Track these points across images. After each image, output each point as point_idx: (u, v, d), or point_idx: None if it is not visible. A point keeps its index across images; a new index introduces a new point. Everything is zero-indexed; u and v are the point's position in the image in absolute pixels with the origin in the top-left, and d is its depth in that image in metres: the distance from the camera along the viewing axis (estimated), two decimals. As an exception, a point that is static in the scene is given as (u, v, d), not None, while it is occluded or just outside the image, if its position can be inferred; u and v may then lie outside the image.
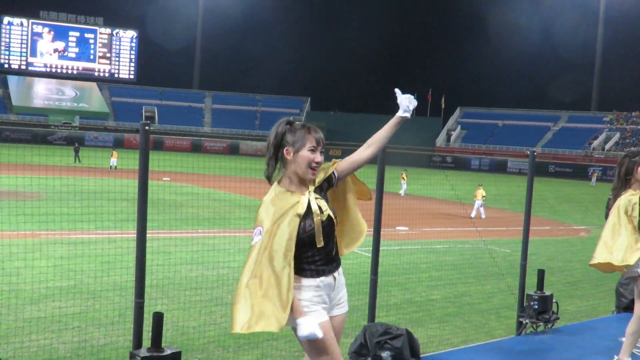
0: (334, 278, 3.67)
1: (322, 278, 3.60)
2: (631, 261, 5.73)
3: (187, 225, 15.92)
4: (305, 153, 3.55)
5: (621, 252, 5.77)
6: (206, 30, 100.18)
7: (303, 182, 3.62)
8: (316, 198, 3.61)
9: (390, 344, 6.09)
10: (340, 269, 3.75)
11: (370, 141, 3.86)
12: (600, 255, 5.89)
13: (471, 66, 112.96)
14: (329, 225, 3.62)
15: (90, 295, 9.01)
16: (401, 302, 10.12)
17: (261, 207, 3.57)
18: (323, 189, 3.71)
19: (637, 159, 5.77)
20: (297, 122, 3.68)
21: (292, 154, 3.56)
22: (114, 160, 38.18)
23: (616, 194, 5.89)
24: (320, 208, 3.58)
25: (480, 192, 25.15)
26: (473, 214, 24.79)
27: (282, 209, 3.52)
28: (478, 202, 25.02)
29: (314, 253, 3.56)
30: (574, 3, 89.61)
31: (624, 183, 5.84)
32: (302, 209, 3.53)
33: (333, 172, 3.76)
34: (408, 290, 10.95)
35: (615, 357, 6.33)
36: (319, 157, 3.59)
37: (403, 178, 32.26)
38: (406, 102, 3.80)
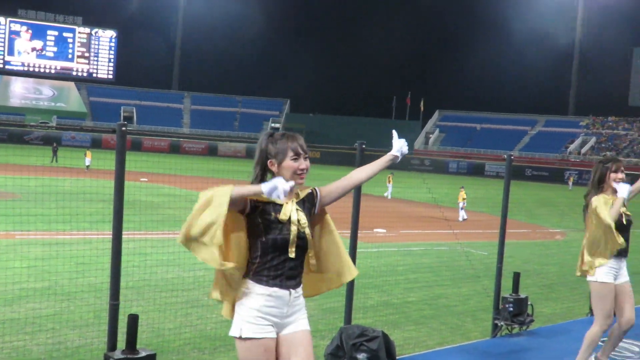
0: (290, 293, 3.58)
1: (276, 289, 3.53)
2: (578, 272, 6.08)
3: (165, 226, 15.83)
4: (288, 163, 3.57)
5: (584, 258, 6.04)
6: (186, 30, 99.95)
7: (290, 193, 3.60)
8: (297, 209, 3.61)
9: (367, 346, 6.11)
10: (300, 290, 3.67)
11: (356, 172, 3.89)
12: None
13: (450, 70, 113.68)
14: (302, 240, 3.59)
15: (65, 297, 8.93)
16: (378, 304, 10.15)
17: None
18: (305, 205, 3.70)
19: (609, 165, 5.93)
20: (277, 133, 3.70)
21: (276, 166, 3.59)
22: (88, 160, 37.94)
23: (589, 200, 6.00)
24: (299, 220, 3.59)
25: (462, 195, 25.31)
26: (460, 218, 24.84)
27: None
28: (461, 204, 25.15)
29: (280, 262, 3.53)
30: (552, 8, 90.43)
31: (597, 189, 5.97)
32: (284, 216, 3.53)
33: (315, 189, 3.76)
34: (385, 293, 10.98)
35: None
36: (303, 164, 3.60)
37: (389, 181, 32.34)
38: (399, 145, 3.92)
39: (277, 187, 3.35)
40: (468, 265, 12.52)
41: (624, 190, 5.77)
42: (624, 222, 5.92)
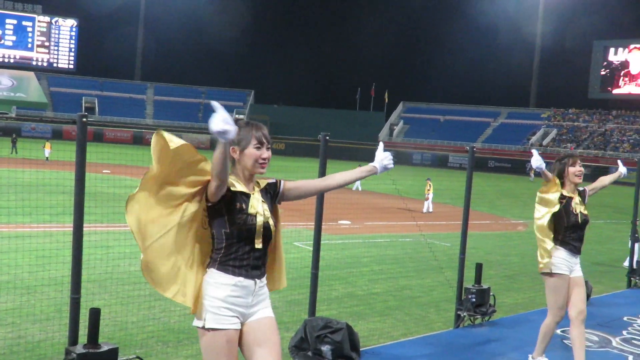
0: (255, 283, 3.58)
1: (242, 279, 3.53)
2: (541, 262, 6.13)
3: (128, 218, 15.66)
4: (251, 151, 3.56)
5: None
6: (148, 20, 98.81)
7: (251, 182, 3.62)
8: (262, 200, 3.61)
9: (331, 338, 6.12)
10: (264, 280, 3.67)
11: (330, 177, 3.80)
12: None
13: (414, 62, 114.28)
14: (267, 231, 3.58)
15: (25, 291, 8.80)
16: (343, 295, 10.18)
17: None
18: (268, 195, 3.70)
19: (566, 161, 6.09)
20: (241, 120, 3.67)
21: (238, 153, 3.57)
22: (47, 152, 37.36)
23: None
24: (263, 210, 3.59)
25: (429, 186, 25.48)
26: (425, 209, 25.01)
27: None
28: (431, 195, 25.30)
29: (246, 252, 3.52)
30: (515, 2, 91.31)
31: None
32: (252, 209, 3.52)
33: (279, 181, 3.75)
34: (350, 284, 11.01)
35: (530, 355, 6.48)
36: (265, 153, 3.59)
37: None
38: (381, 157, 3.76)
39: (216, 119, 3.03)
40: (432, 257, 12.62)
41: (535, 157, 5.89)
42: (579, 222, 6.02)
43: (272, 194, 3.72)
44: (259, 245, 3.54)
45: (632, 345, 7.60)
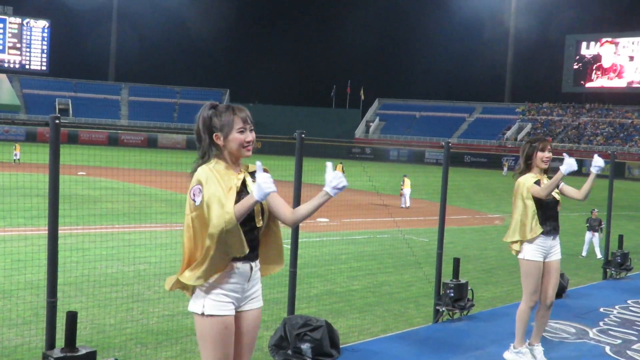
0: (251, 267, 3.61)
1: (239, 264, 3.54)
2: (506, 238, 6.29)
3: (104, 220, 15.57)
4: (235, 135, 3.56)
5: (509, 231, 6.27)
6: (122, 20, 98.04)
7: (238, 165, 3.63)
8: (253, 181, 3.57)
9: (310, 336, 6.13)
10: (259, 263, 3.70)
11: (296, 210, 3.68)
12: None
13: (389, 59, 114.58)
14: (263, 209, 3.61)
15: (2, 295, 8.71)
16: (322, 293, 10.19)
17: (200, 171, 3.50)
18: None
19: (536, 145, 6.15)
20: (221, 105, 3.66)
21: (222, 139, 3.57)
22: (17, 154, 36.96)
23: (518, 178, 6.21)
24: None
25: (407, 181, 25.62)
26: (402, 204, 25.14)
27: (226, 176, 3.50)
28: (406, 191, 25.44)
29: (245, 232, 3.46)
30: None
31: (526, 167, 6.16)
32: (238, 183, 3.52)
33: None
34: (329, 282, 11.03)
35: (511, 344, 6.55)
36: (249, 136, 3.60)
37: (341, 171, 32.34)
38: (329, 178, 3.49)
39: (263, 188, 3.28)
40: (409, 253, 12.67)
41: (569, 165, 5.85)
42: (549, 201, 6.07)
43: None
44: (259, 223, 3.58)
45: (609, 336, 7.68)
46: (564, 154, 6.11)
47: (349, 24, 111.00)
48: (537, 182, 6.06)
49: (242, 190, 3.54)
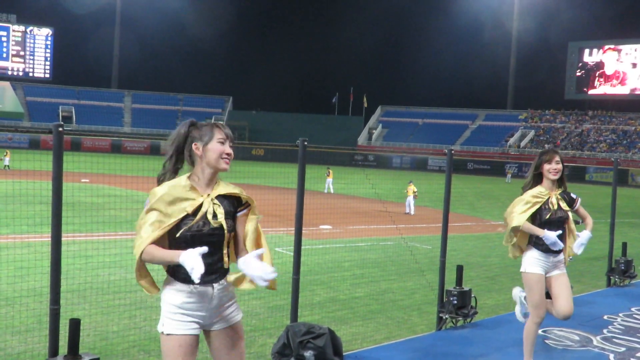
0: (212, 287, 3.55)
1: (197, 286, 3.50)
2: (509, 222, 6.12)
3: (107, 228, 15.57)
4: (214, 145, 3.54)
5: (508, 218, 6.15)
6: (124, 27, 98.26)
7: (210, 184, 3.58)
8: (214, 204, 3.54)
9: (313, 343, 6.12)
10: (224, 282, 3.62)
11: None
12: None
13: (392, 66, 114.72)
14: (217, 235, 3.52)
15: (5, 302, 8.71)
16: (325, 300, 10.17)
17: (156, 189, 3.53)
18: (225, 202, 3.61)
19: (543, 157, 6.02)
20: (200, 122, 3.68)
21: (201, 148, 3.55)
22: (7, 160, 36.91)
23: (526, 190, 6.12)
24: (215, 214, 3.52)
25: (412, 188, 25.64)
26: (407, 210, 25.20)
27: (175, 196, 3.48)
28: (409, 198, 25.49)
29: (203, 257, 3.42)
30: (490, 4, 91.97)
31: (536, 179, 6.09)
32: (190, 208, 3.47)
33: (246, 201, 3.67)
34: (332, 289, 11.01)
35: None
36: (229, 149, 3.58)
37: (329, 176, 32.39)
38: (257, 273, 3.40)
39: (193, 268, 3.23)
40: (413, 260, 12.65)
41: (549, 237, 5.83)
42: (553, 218, 5.96)
43: (234, 205, 3.65)
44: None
45: (613, 344, 7.66)
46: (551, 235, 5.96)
47: (352, 31, 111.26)
48: (534, 215, 5.98)
49: (187, 217, 3.48)
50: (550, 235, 5.78)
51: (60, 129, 4.81)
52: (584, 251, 6.11)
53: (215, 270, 3.55)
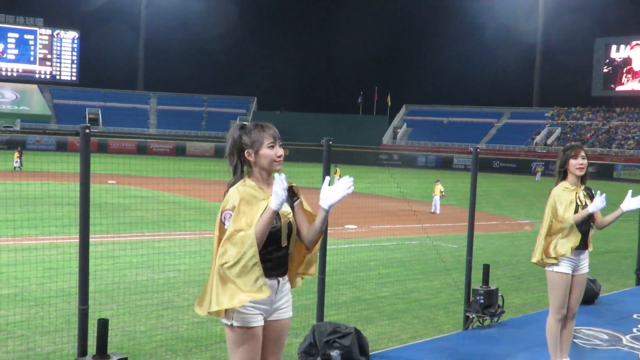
0: (278, 282, 3.71)
1: (266, 279, 3.61)
2: (533, 259, 6.09)
3: (134, 228, 15.70)
4: (265, 151, 3.66)
5: (536, 250, 6.10)
6: (149, 29, 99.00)
7: (269, 183, 3.70)
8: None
9: (339, 343, 6.11)
10: (287, 276, 3.79)
11: (311, 227, 3.75)
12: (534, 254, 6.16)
13: (416, 64, 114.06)
14: (289, 229, 3.70)
15: (35, 303, 8.82)
16: (351, 300, 10.17)
17: (231, 193, 3.62)
18: (288, 195, 3.70)
19: (568, 153, 5.96)
20: (249, 124, 3.76)
21: (253, 155, 3.67)
22: (17, 161, 36.95)
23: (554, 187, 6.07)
24: (286, 211, 3.69)
25: (439, 188, 25.57)
26: (432, 209, 25.16)
27: (254, 199, 3.59)
28: (436, 198, 25.43)
29: (269, 252, 3.61)
30: (514, 1, 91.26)
31: (562, 175, 6.03)
32: (265, 206, 3.59)
33: (298, 193, 3.81)
34: (357, 288, 11.00)
35: None
36: (280, 151, 3.71)
37: (337, 174, 32.34)
38: (324, 192, 3.55)
39: (279, 194, 3.43)
40: (438, 259, 12.60)
41: (596, 205, 5.79)
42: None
43: (291, 195, 3.79)
44: (284, 243, 3.67)
45: (642, 343, 7.56)
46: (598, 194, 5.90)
47: (376, 30, 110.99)
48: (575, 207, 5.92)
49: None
50: (599, 204, 5.77)
51: (87, 130, 4.86)
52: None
53: (282, 264, 3.72)
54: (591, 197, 6.04)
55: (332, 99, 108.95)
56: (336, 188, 3.52)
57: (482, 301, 8.00)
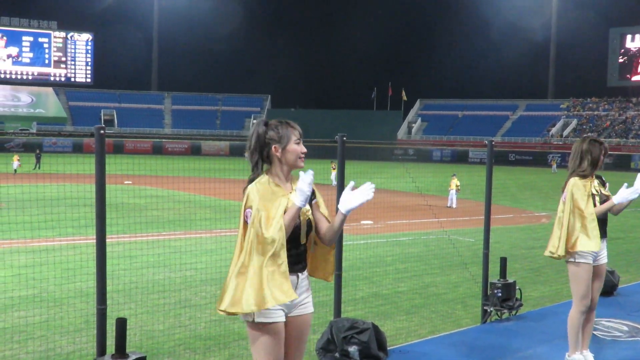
0: (297, 277, 3.73)
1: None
2: (555, 254, 5.99)
3: (151, 228, 15.77)
4: (292, 147, 3.73)
5: (553, 242, 6.04)
6: (163, 30, 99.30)
7: (288, 180, 3.76)
8: None
9: (357, 339, 6.11)
10: (306, 272, 3.83)
11: (328, 228, 3.79)
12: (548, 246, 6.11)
13: (430, 59, 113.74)
14: (309, 226, 3.74)
15: (53, 303, 8.88)
16: (368, 295, 10.16)
17: (250, 191, 3.65)
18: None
19: (603, 148, 5.90)
20: (273, 121, 3.81)
21: (280, 150, 3.71)
22: (16, 164, 37.03)
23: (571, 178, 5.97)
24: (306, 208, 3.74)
25: (455, 182, 25.49)
26: (449, 204, 25.11)
27: (274, 196, 3.63)
28: (452, 192, 25.36)
29: (288, 249, 3.62)
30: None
31: (591, 170, 5.92)
32: (285, 203, 3.64)
33: (315, 194, 3.83)
34: (375, 284, 10.99)
35: (566, 354, 6.29)
36: (304, 148, 3.79)
37: (333, 168, 32.19)
38: (345, 197, 3.64)
39: (304, 190, 3.50)
40: (455, 253, 12.56)
41: (624, 195, 5.76)
42: (599, 204, 5.88)
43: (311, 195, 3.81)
44: (303, 240, 3.73)
45: (663, 334, 7.50)
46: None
47: (389, 25, 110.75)
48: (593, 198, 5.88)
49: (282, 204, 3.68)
50: (627, 194, 5.76)
51: (102, 131, 4.88)
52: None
53: (301, 259, 3.76)
54: (603, 184, 6.03)
55: (345, 96, 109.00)
56: (357, 194, 3.60)
57: (500, 295, 7.97)
